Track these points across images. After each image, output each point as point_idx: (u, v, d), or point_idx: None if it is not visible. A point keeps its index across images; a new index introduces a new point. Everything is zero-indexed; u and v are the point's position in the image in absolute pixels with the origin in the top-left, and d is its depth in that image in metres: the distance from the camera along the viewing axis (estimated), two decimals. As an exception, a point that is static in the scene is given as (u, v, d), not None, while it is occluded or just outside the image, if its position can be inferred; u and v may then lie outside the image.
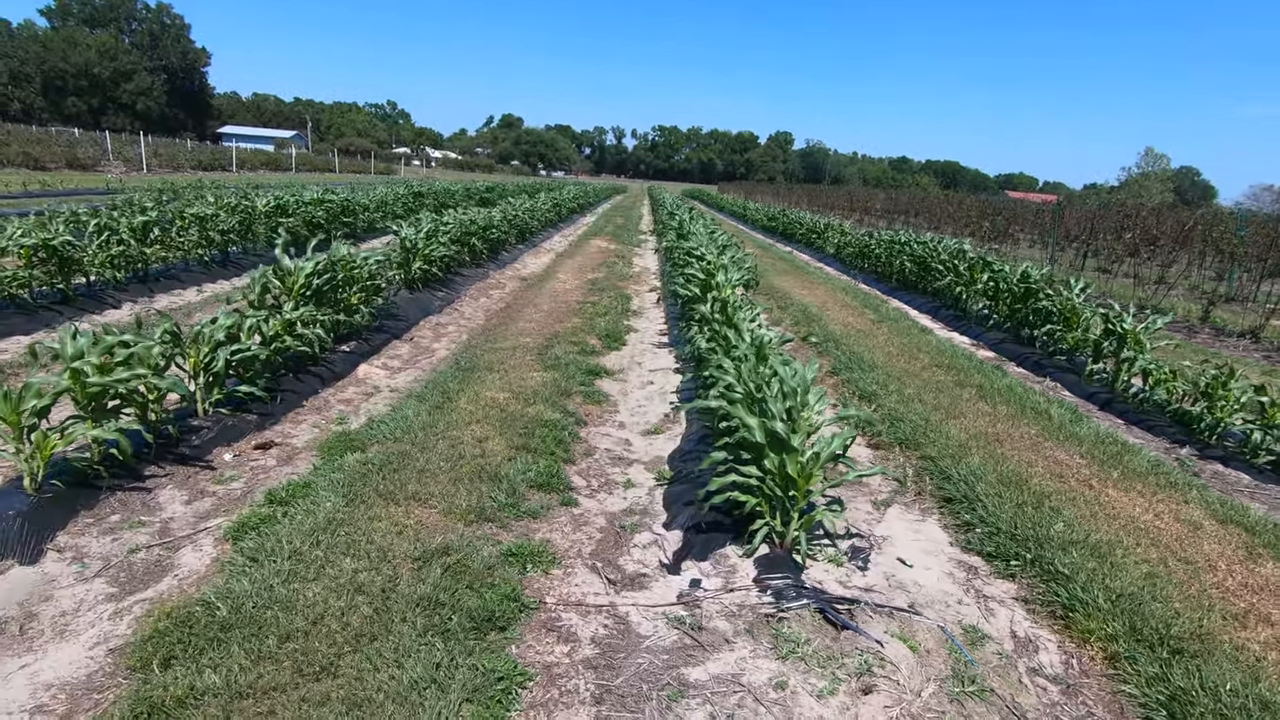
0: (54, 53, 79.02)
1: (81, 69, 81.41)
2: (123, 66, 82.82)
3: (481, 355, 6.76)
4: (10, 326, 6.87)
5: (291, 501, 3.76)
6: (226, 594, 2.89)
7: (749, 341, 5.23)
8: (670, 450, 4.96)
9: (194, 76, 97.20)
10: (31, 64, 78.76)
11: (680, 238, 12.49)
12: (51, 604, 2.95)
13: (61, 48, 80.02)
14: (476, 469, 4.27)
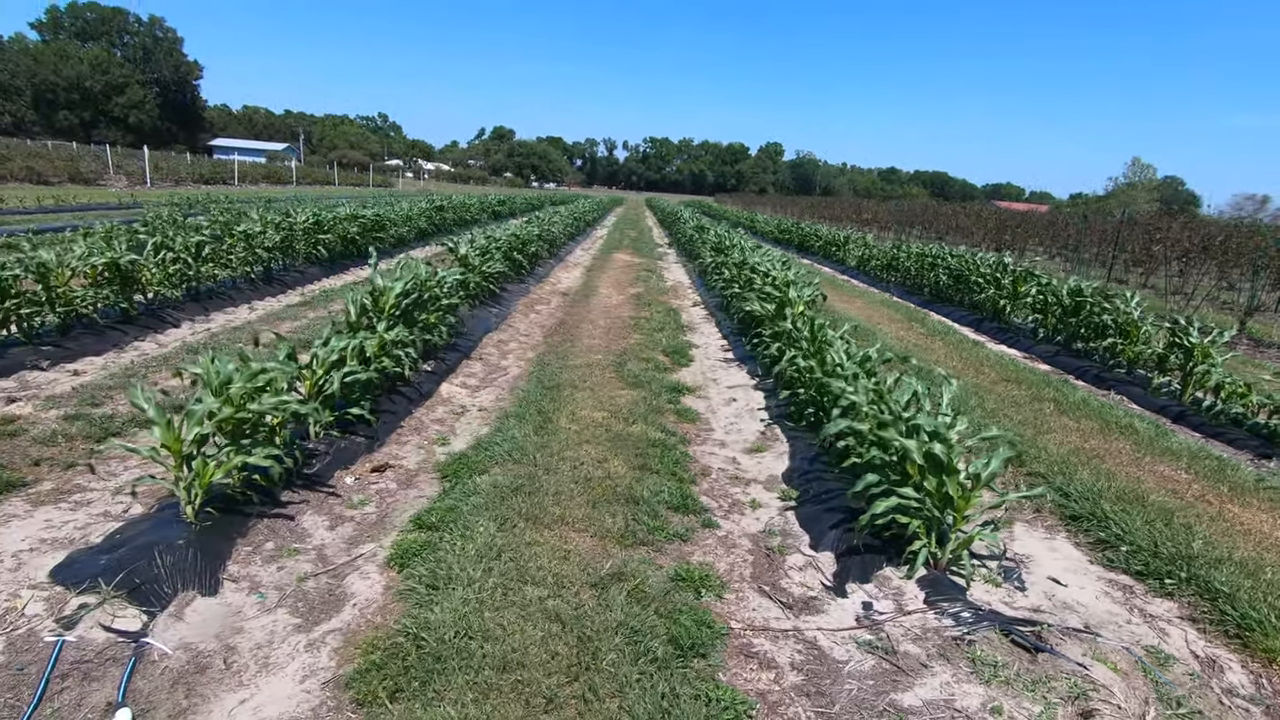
0: (45, 66, 78.57)
1: (73, 82, 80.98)
2: (115, 80, 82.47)
3: (560, 373, 6.76)
4: (83, 346, 6.80)
5: (442, 527, 3.74)
6: (425, 624, 2.87)
7: (852, 359, 5.27)
8: (782, 469, 4.98)
9: (186, 89, 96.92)
10: (22, 77, 78.24)
11: (718, 251, 12.57)
12: (244, 636, 2.92)
13: (53, 61, 79.57)
14: (608, 491, 4.27)
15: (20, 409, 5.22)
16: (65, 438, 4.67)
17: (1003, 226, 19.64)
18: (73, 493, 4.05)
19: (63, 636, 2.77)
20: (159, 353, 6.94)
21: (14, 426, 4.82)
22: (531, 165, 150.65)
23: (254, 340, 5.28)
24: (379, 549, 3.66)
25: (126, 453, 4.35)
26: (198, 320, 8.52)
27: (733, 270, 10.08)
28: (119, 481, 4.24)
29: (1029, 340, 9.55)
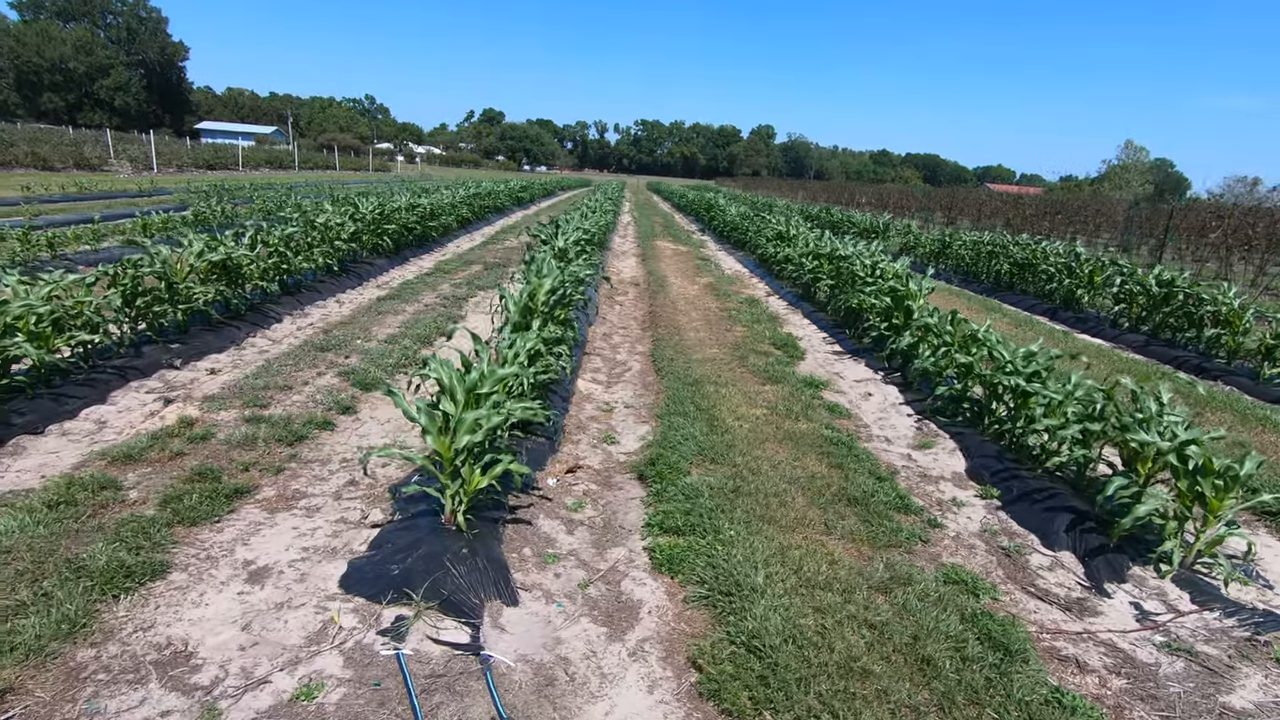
0: (28, 47, 76.52)
1: (56, 64, 79.02)
2: (99, 61, 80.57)
3: (687, 367, 6.75)
4: (205, 343, 6.71)
5: (689, 531, 3.75)
6: (750, 634, 2.89)
7: (1016, 354, 5.31)
8: (962, 466, 5.03)
9: (172, 71, 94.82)
10: (4, 58, 76.19)
11: (783, 241, 12.54)
12: (567, 646, 2.92)
13: (35, 42, 77.48)
14: (823, 491, 4.30)
15: (185, 410, 5.15)
16: (258, 441, 4.63)
17: (1042, 214, 19.76)
18: (296, 499, 4.02)
19: (399, 650, 2.77)
20: (278, 350, 6.85)
21: (196, 430, 4.76)
22: (524, 148, 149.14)
23: (447, 335, 5.25)
24: (632, 554, 3.67)
25: (382, 458, 4.34)
26: (294, 314, 8.41)
27: (815, 261, 10.07)
28: (330, 486, 4.21)
29: (1113, 329, 9.63)
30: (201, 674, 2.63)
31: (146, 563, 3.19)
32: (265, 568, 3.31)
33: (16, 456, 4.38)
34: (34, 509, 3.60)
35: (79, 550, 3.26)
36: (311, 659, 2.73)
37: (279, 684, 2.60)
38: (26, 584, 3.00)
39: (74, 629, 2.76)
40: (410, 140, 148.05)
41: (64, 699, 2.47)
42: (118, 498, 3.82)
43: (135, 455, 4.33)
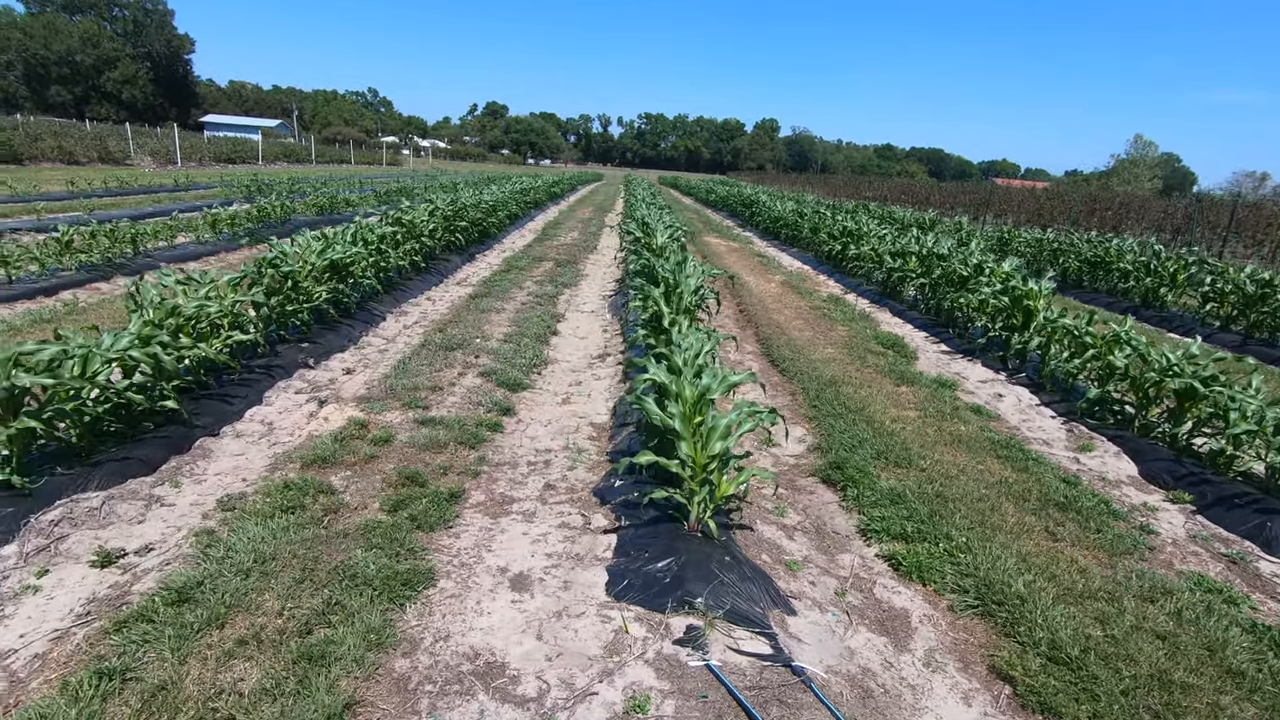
0: (35, 40, 76.20)
1: (63, 57, 78.77)
2: (106, 54, 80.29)
3: (813, 368, 6.71)
4: (328, 342, 6.68)
5: (917, 538, 3.73)
6: (1055, 644, 2.87)
7: (1180, 357, 5.28)
8: (1134, 470, 5.01)
9: (178, 64, 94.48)
10: (12, 51, 75.90)
11: (851, 238, 12.49)
12: (860, 657, 2.90)
13: (43, 35, 77.16)
14: (1023, 495, 4.29)
15: (343, 411, 5.12)
16: (443, 445, 4.60)
17: (1091, 210, 19.68)
18: (506, 503, 4.00)
19: (707, 661, 2.75)
20: (397, 348, 6.81)
21: (373, 434, 4.74)
22: (529, 142, 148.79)
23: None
24: (865, 560, 3.65)
25: (570, 459, 4.30)
26: (394, 312, 8.38)
27: (899, 260, 10.02)
28: (529, 490, 4.19)
29: (1203, 329, 9.59)
30: (523, 685, 2.61)
31: (414, 570, 3.16)
32: (522, 575, 3.29)
33: (206, 460, 4.36)
34: (267, 514, 3.58)
35: (341, 558, 3.24)
36: (621, 670, 2.71)
37: (605, 696, 2.58)
38: (311, 592, 2.97)
39: (381, 639, 2.74)
40: (415, 134, 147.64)
41: (407, 710, 2.45)
42: (337, 502, 3.80)
43: (328, 459, 4.30)
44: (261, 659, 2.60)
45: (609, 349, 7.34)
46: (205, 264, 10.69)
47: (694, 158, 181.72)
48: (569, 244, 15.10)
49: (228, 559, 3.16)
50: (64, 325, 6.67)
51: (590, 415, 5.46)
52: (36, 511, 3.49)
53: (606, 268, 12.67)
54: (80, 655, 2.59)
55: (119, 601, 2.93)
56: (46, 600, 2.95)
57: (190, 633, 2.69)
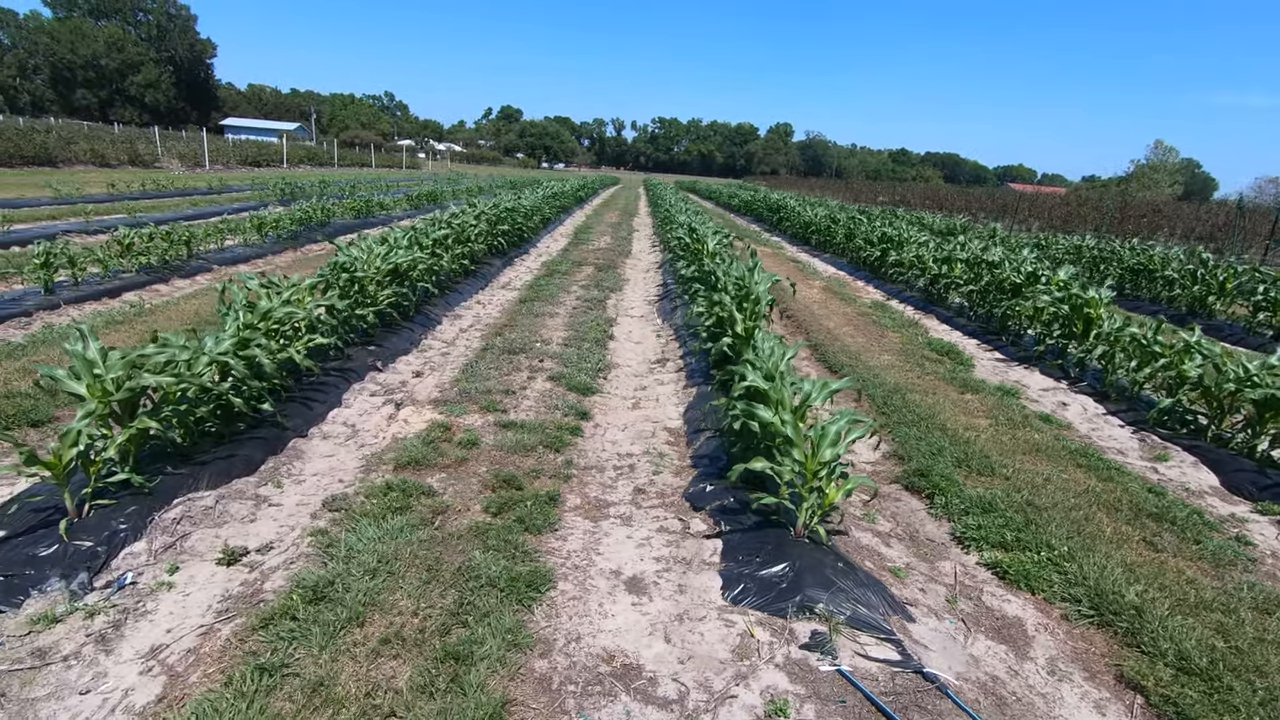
0: (62, 44, 77.54)
1: (89, 61, 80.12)
2: (130, 58, 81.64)
3: (874, 375, 6.72)
4: (393, 346, 6.78)
5: (1018, 546, 3.74)
6: (1182, 655, 2.88)
7: (1261, 366, 5.25)
8: (1216, 481, 4.99)
9: (200, 68, 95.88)
10: (39, 56, 77.33)
11: (891, 244, 12.48)
12: (986, 665, 2.92)
13: (69, 39, 78.50)
14: (1114, 505, 4.28)
15: (420, 414, 5.20)
16: (529, 449, 4.66)
17: (1126, 216, 19.54)
18: (602, 507, 4.04)
19: (838, 666, 2.78)
20: (458, 351, 6.88)
21: (458, 436, 4.81)
22: (544, 146, 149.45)
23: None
24: (966, 568, 3.66)
25: (649, 463, 4.35)
26: (448, 315, 8.48)
27: (945, 266, 10.00)
28: (621, 494, 4.23)
29: (1255, 338, 9.50)
30: (662, 687, 2.65)
31: (534, 572, 3.22)
32: (636, 578, 3.33)
33: (301, 461, 4.44)
34: (377, 515, 3.64)
35: (461, 559, 3.30)
36: (753, 674, 2.74)
37: (744, 699, 2.61)
38: (440, 593, 3.03)
39: (517, 640, 2.79)
40: (431, 137, 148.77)
41: (556, 710, 2.50)
42: (441, 504, 3.86)
43: (420, 461, 4.37)
44: (409, 657, 2.66)
45: (666, 354, 7.38)
46: (254, 266, 10.85)
47: (707, 162, 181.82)
48: (604, 249, 15.17)
49: (352, 559, 3.22)
50: (134, 327, 6.81)
51: (663, 420, 5.50)
52: (159, 510, 3.57)
53: (645, 272, 12.73)
54: (233, 651, 2.66)
55: (254, 599, 3.01)
56: (183, 597, 3.02)
57: (334, 630, 2.75)
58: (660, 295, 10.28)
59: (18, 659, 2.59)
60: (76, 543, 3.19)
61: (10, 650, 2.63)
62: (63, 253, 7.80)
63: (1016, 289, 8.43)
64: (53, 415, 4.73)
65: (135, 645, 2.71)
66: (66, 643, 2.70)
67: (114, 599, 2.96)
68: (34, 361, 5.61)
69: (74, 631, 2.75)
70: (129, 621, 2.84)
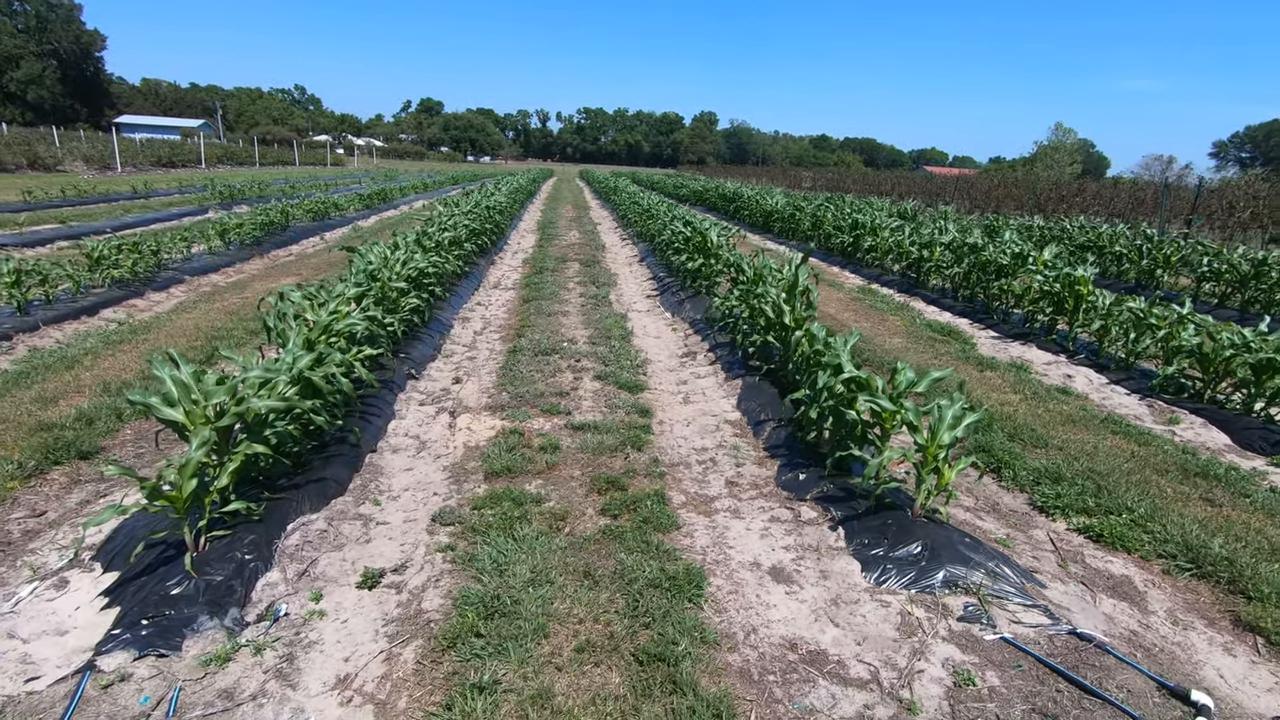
0: (-70, 36, 70.53)
1: (-39, 55, 73.18)
2: (8, 51, 75.12)
3: (891, 355, 7.02)
4: (420, 353, 6.63)
5: (1100, 511, 4.05)
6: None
7: (1254, 334, 5.80)
8: (1226, 440, 5.48)
9: (88, 62, 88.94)
10: (-100, 49, 70.13)
11: (863, 230, 12.91)
12: (1120, 623, 3.18)
13: (-62, 31, 71.48)
14: (1162, 466, 4.67)
15: (488, 420, 5.14)
16: (616, 450, 4.68)
17: (1055, 196, 20.86)
18: (705, 502, 4.12)
19: (1002, 634, 2.97)
20: (484, 355, 6.79)
21: (535, 442, 4.78)
22: (469, 139, 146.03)
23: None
24: (1057, 534, 3.94)
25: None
26: (456, 318, 8.31)
27: (924, 250, 10.47)
28: (715, 489, 4.33)
29: (1200, 306, 10.36)
30: (852, 669, 2.78)
31: (685, 571, 3.27)
32: (777, 568, 3.44)
33: (384, 477, 4.34)
34: (500, 527, 3.62)
35: (610, 563, 3.33)
36: (927, 649, 2.90)
37: (931, 672, 2.77)
38: (608, 598, 3.06)
39: (704, 636, 2.85)
40: (349, 132, 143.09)
41: (769, 699, 2.59)
42: (554, 510, 3.86)
43: (512, 468, 4.34)
44: (612, 662, 2.69)
45: (690, 347, 7.48)
46: (226, 275, 10.30)
47: (635, 152, 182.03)
48: (577, 244, 15.09)
49: (505, 572, 3.20)
50: (138, 346, 6.39)
51: (720, 413, 5.60)
52: (277, 537, 3.44)
53: (627, 266, 12.75)
54: (431, 673, 2.62)
55: (419, 619, 2.95)
56: (342, 624, 2.94)
57: (525, 643, 2.75)
58: (658, 289, 10.36)
59: (208, 703, 2.48)
60: (206, 577, 3.04)
61: (195, 694, 2.51)
62: (35, 270, 7.21)
63: (1002, 270, 8.94)
64: (99, 446, 4.44)
65: (320, 677, 2.63)
66: (248, 681, 2.59)
67: (272, 631, 2.86)
68: (48, 390, 5.22)
69: (250, 669, 2.65)
70: (299, 654, 2.75)
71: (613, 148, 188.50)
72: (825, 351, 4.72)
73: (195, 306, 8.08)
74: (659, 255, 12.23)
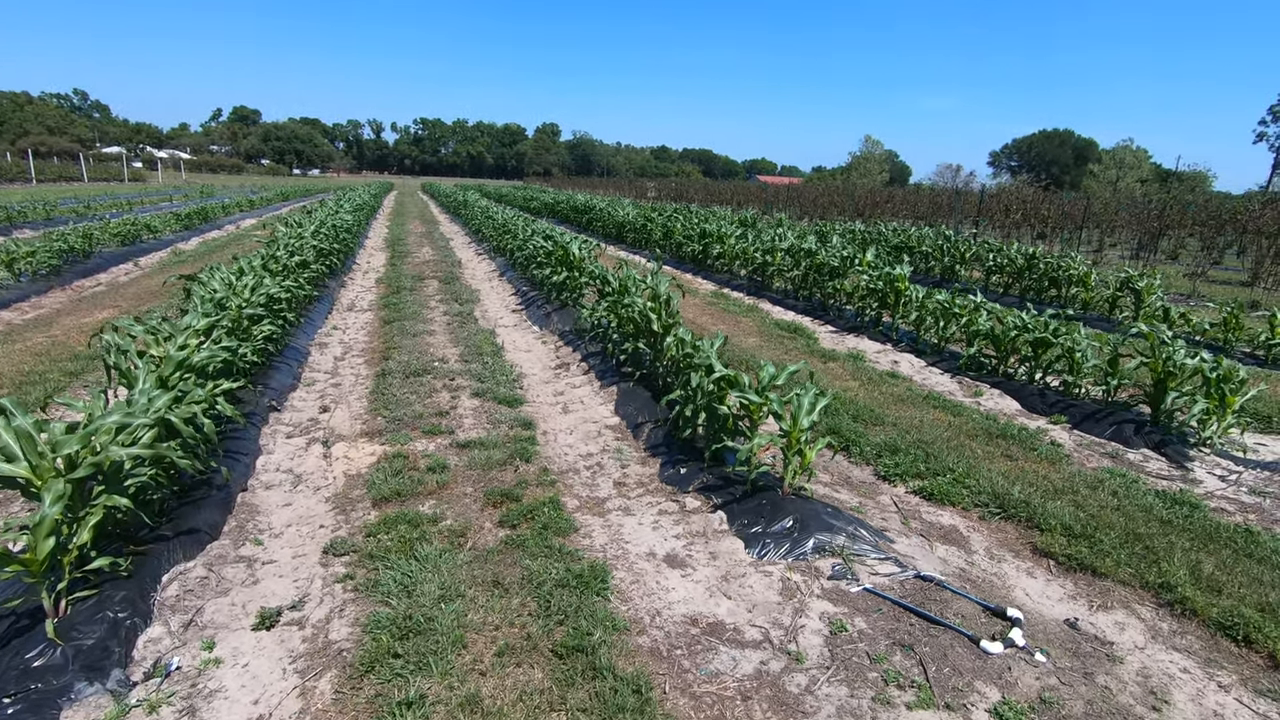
0: None
1: None
2: None
3: (745, 353, 7.67)
4: (278, 383, 6.28)
5: (932, 474, 4.77)
6: (1071, 522, 4.01)
7: (1029, 319, 7.02)
8: (1016, 407, 6.59)
9: None
10: None
11: (711, 239, 13.75)
12: (949, 565, 3.82)
13: None
14: (973, 431, 5.55)
15: (368, 446, 5.05)
16: (505, 464, 4.77)
17: (870, 202, 23.41)
18: (599, 503, 4.36)
19: (863, 586, 3.48)
20: (351, 380, 6.59)
21: (419, 464, 4.77)
22: (294, 150, 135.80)
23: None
24: (899, 497, 4.60)
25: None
26: (313, 344, 7.90)
27: (766, 256, 11.41)
28: (603, 491, 4.58)
29: (992, 294, 12.20)
30: (746, 633, 3.14)
31: (590, 568, 3.49)
32: (672, 555, 3.75)
33: (262, 515, 4.16)
34: (399, 549, 3.64)
35: (518, 571, 3.46)
36: (806, 607, 3.33)
37: (811, 626, 3.20)
38: (519, 603, 3.20)
39: (615, 624, 3.08)
40: (147, 143, 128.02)
41: (678, 670, 2.87)
42: (452, 527, 3.92)
43: (402, 492, 4.33)
44: (534, 660, 2.84)
45: (561, 358, 7.68)
46: (19, 311, 9.03)
47: (478, 163, 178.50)
48: (432, 261, 14.70)
49: (414, 592, 3.24)
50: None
51: (600, 419, 5.86)
52: (152, 590, 3.21)
53: (487, 281, 12.68)
54: (352, 700, 2.63)
55: (330, 650, 2.93)
56: (243, 668, 2.85)
57: (445, 656, 2.83)
58: (522, 304, 10.43)
59: (106, 770, 2.33)
60: (75, 643, 2.81)
61: (89, 764, 2.35)
62: None
63: (834, 271, 10.00)
64: (-97, 516, 3.84)
65: (231, 723, 2.55)
66: (149, 742, 2.46)
67: (165, 687, 2.72)
68: None
69: (148, 729, 2.51)
70: (201, 704, 2.64)
71: (454, 159, 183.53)
72: (695, 354, 5.13)
73: (-8, 348, 7.04)
74: (519, 270, 12.30)
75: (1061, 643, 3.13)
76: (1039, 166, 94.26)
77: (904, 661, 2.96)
